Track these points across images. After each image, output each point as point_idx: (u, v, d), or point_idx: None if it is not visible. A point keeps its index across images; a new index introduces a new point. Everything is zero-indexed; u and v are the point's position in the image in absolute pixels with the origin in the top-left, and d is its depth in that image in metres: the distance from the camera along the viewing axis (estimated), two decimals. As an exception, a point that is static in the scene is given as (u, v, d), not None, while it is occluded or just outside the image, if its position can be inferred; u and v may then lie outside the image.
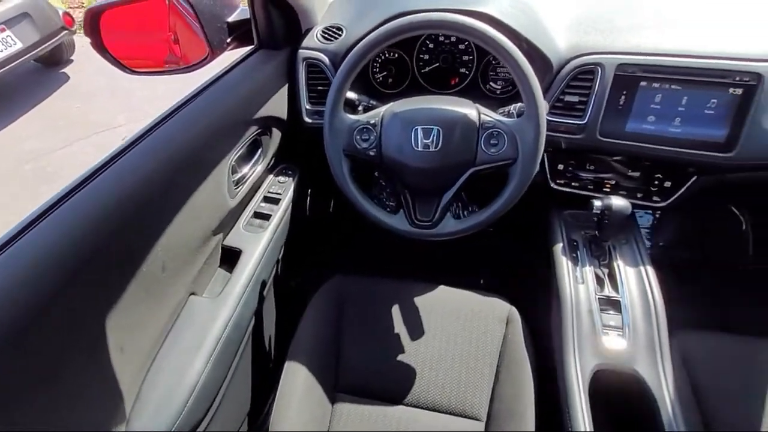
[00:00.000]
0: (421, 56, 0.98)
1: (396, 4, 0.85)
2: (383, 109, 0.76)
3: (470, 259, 1.43)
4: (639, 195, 0.90)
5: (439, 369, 0.86)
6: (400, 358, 0.89)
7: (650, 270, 0.84)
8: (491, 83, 0.98)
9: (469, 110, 0.72)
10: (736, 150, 0.76)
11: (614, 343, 0.77)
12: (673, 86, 0.77)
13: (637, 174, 0.88)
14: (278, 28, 0.91)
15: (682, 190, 0.86)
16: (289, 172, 1.04)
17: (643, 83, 0.79)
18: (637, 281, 0.83)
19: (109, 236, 0.58)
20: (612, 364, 0.76)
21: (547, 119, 0.86)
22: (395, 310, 0.95)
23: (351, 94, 0.84)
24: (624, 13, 0.84)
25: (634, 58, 0.78)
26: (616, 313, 0.80)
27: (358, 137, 0.75)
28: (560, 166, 0.93)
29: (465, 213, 1.26)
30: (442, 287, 0.98)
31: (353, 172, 0.79)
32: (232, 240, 0.90)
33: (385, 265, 1.41)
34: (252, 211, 0.95)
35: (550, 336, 0.87)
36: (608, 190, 0.91)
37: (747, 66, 0.73)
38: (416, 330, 0.92)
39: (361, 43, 0.69)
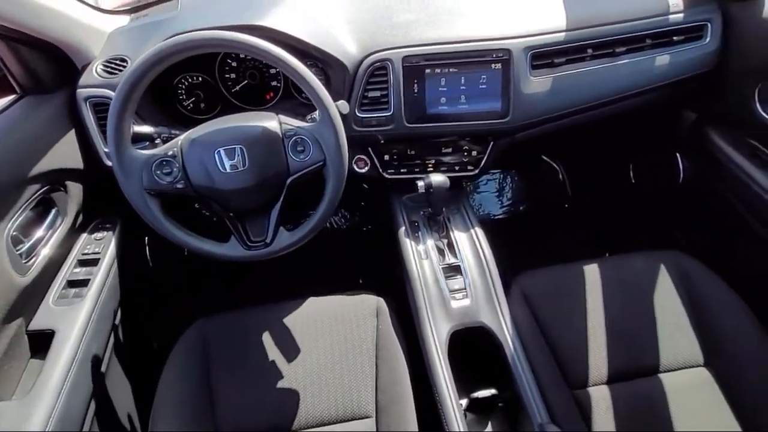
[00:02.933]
0: (227, 76, 0.95)
1: (173, 26, 0.81)
2: (180, 138, 0.71)
3: (345, 262, 1.45)
4: (456, 168, 1.01)
5: (321, 382, 0.85)
6: (280, 385, 0.85)
7: (479, 231, 0.95)
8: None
9: (270, 122, 0.72)
10: (510, 115, 0.90)
11: (462, 303, 0.85)
12: (451, 70, 0.88)
13: (449, 150, 0.99)
14: (43, 69, 0.80)
15: (486, 156, 0.99)
16: (108, 226, 0.92)
17: (428, 71, 0.88)
18: (470, 244, 0.93)
19: None
20: (463, 323, 0.83)
21: (359, 116, 0.91)
22: (266, 338, 0.91)
23: (147, 128, 0.77)
24: (400, 10, 0.93)
25: (415, 49, 0.87)
26: (460, 277, 0.89)
27: (158, 172, 0.69)
28: (386, 157, 0.99)
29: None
30: (310, 299, 0.96)
31: (168, 209, 0.73)
32: (40, 321, 0.75)
33: (255, 292, 1.34)
34: (63, 280, 0.81)
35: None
36: (431, 169, 1.00)
37: (499, 44, 0.87)
38: (291, 351, 0.89)
39: (126, 74, 0.63)
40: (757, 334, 0.82)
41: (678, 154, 1.19)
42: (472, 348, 0.87)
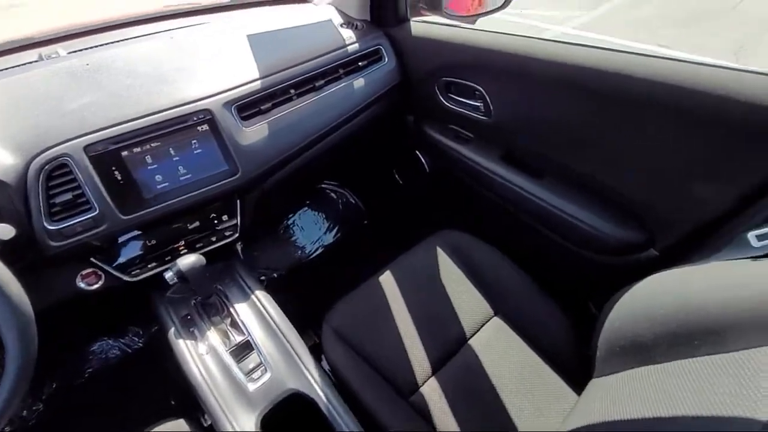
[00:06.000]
0: None
1: None
2: None
3: (149, 389, 1.18)
4: (214, 239, 0.91)
5: None
6: None
7: (260, 293, 0.88)
8: None
9: None
10: (241, 170, 0.86)
11: (263, 380, 0.75)
12: (153, 144, 0.79)
13: (197, 224, 0.89)
14: None
15: (239, 217, 0.93)
16: None
17: (124, 153, 0.76)
18: (254, 311, 0.85)
19: None
20: (270, 399, 0.74)
21: (53, 228, 0.72)
22: None
23: None
24: (72, 97, 0.79)
25: (97, 135, 0.75)
26: (254, 352, 0.79)
27: None
28: (122, 259, 0.83)
29: None
30: None
31: None
32: None
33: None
34: None
35: None
36: (186, 250, 0.88)
37: (196, 106, 0.82)
38: None
39: None
40: (518, 278, 0.97)
41: (417, 151, 1.38)
42: (298, 417, 0.78)
